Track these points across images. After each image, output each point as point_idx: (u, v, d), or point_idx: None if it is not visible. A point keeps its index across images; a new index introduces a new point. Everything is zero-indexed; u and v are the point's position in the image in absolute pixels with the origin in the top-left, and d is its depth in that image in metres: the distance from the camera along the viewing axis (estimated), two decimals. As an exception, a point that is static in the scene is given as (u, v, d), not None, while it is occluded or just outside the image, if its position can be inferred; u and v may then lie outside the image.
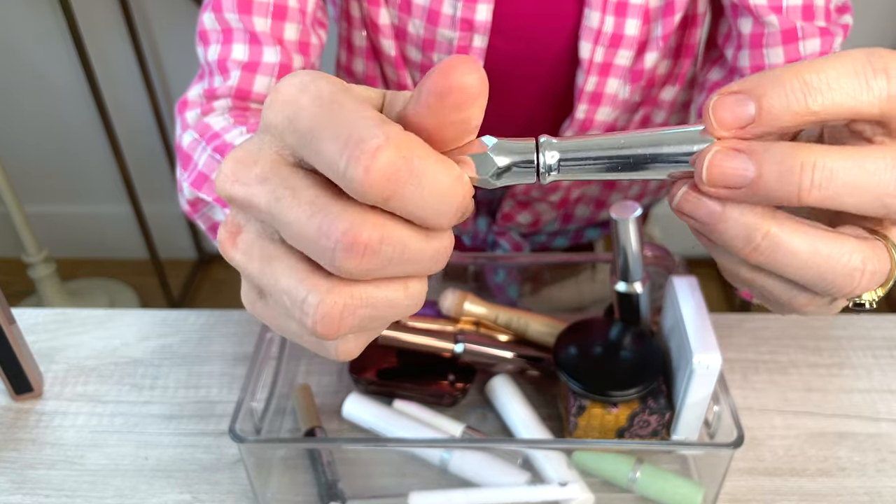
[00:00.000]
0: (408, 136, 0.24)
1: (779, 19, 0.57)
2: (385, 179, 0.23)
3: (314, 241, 0.25)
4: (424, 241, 0.26)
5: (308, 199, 0.25)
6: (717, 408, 0.51)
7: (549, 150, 0.28)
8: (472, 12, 0.61)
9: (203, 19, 0.59)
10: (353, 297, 0.26)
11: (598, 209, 0.80)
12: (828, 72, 0.26)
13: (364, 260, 0.24)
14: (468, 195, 0.26)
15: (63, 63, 1.64)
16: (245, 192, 0.26)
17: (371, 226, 0.24)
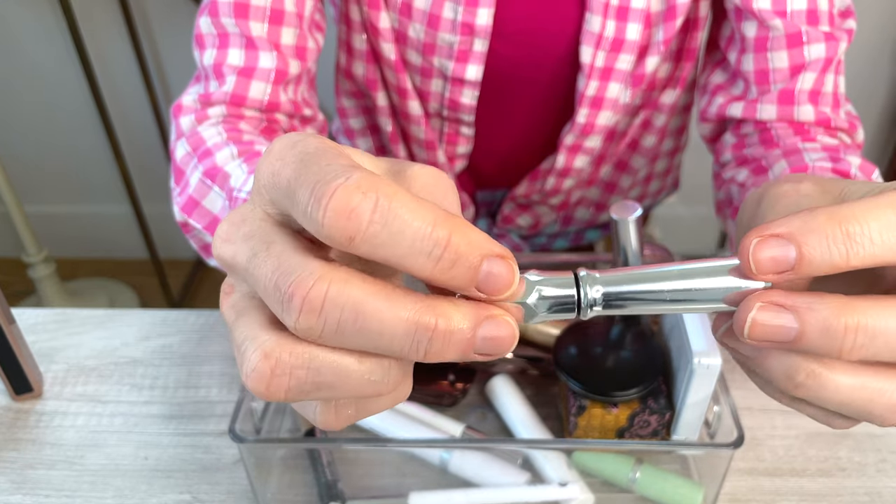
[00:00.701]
0: (374, 177, 0.23)
1: (783, 23, 0.57)
2: (344, 217, 0.22)
3: (272, 294, 0.24)
4: (391, 307, 0.23)
5: (276, 253, 0.24)
6: (717, 408, 0.51)
7: (592, 285, 0.26)
8: (472, 16, 0.61)
9: (199, 23, 0.59)
10: (293, 354, 0.24)
11: (598, 211, 0.80)
12: (871, 224, 0.24)
13: (305, 316, 0.23)
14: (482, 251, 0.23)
15: (63, 63, 1.64)
16: (232, 250, 0.26)
17: (321, 280, 0.23)
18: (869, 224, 0.25)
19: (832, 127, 0.59)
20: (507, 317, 0.24)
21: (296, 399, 0.25)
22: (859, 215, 0.25)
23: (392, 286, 0.24)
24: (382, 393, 0.26)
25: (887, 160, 1.73)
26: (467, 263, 0.23)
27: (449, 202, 0.27)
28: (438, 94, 0.67)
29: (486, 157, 0.74)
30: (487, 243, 0.24)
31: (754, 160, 0.60)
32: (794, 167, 0.54)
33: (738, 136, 0.63)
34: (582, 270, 0.26)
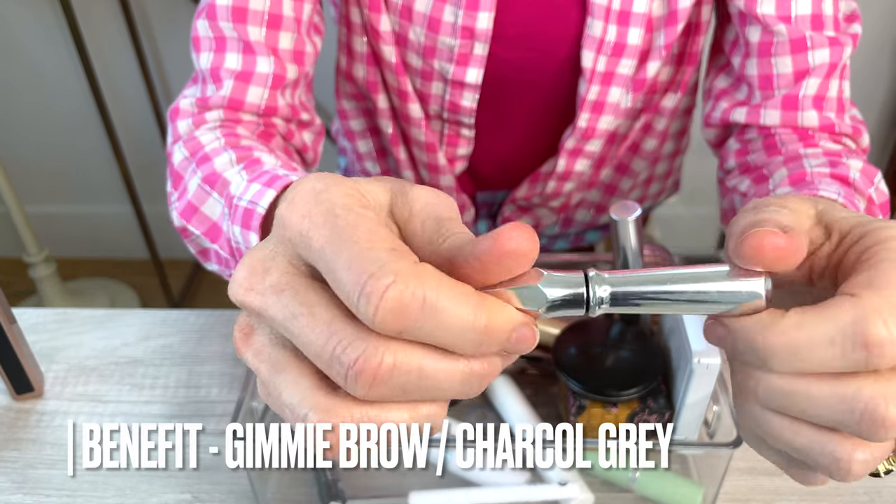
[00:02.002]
0: (419, 271, 0.24)
1: (787, 28, 0.57)
2: (395, 317, 0.23)
3: (328, 364, 0.25)
4: (447, 365, 0.25)
5: (325, 321, 0.25)
6: (717, 408, 0.51)
7: (601, 285, 0.28)
8: (473, 20, 0.61)
9: (196, 25, 0.59)
10: (353, 417, 0.26)
11: (598, 213, 0.80)
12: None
13: (375, 387, 0.24)
14: (513, 324, 0.26)
15: (63, 63, 1.64)
16: (260, 302, 0.26)
17: (388, 353, 0.24)
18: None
19: (836, 132, 0.59)
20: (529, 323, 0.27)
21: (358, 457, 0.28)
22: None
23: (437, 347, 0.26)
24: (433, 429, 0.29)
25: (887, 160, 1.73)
26: (502, 337, 0.25)
27: (450, 214, 0.29)
28: (439, 97, 0.67)
29: (487, 160, 0.74)
30: (516, 315, 0.26)
31: (756, 168, 0.60)
32: (793, 174, 0.54)
33: (742, 143, 0.63)
34: (591, 270, 0.28)
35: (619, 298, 0.28)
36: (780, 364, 0.28)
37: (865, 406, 0.26)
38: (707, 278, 0.28)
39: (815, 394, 0.28)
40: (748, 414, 0.31)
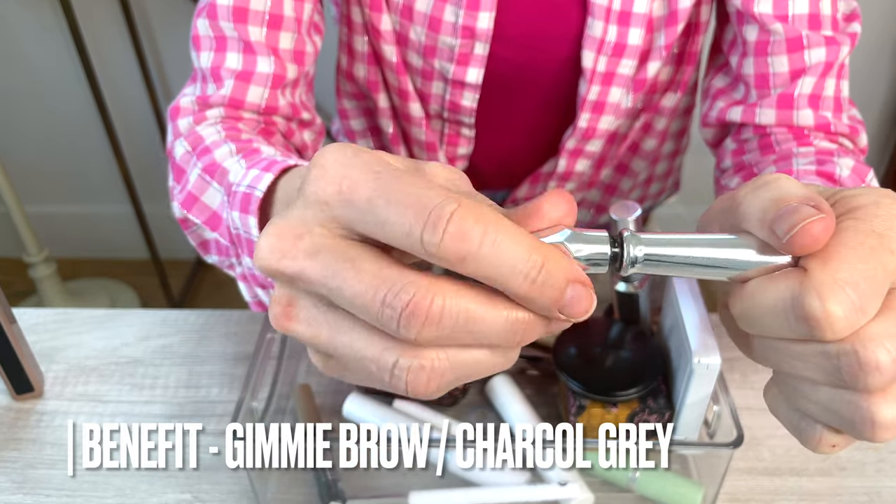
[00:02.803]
0: (478, 205, 0.25)
1: (784, 27, 0.57)
2: (460, 242, 0.24)
3: (379, 311, 0.25)
4: (493, 310, 0.26)
5: (371, 271, 0.26)
6: (717, 408, 0.51)
7: (635, 245, 0.29)
8: (473, 20, 0.61)
9: (197, 24, 0.59)
10: (438, 359, 0.27)
11: (598, 213, 0.80)
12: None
13: (427, 328, 0.25)
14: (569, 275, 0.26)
15: (63, 63, 1.64)
16: (296, 266, 0.26)
17: (437, 294, 0.25)
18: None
19: (833, 132, 0.59)
20: (588, 288, 0.27)
21: (447, 388, 0.28)
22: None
23: (485, 288, 0.26)
24: (509, 366, 0.29)
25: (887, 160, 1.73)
26: (556, 286, 0.26)
27: (467, 188, 0.30)
28: (439, 97, 0.67)
29: (487, 160, 0.74)
30: (574, 269, 0.27)
31: (749, 167, 0.60)
32: (780, 171, 0.54)
33: (738, 142, 0.63)
34: (626, 230, 0.29)
35: (653, 259, 0.29)
36: (744, 327, 0.30)
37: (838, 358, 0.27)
38: (738, 245, 0.29)
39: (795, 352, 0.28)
40: (773, 383, 0.32)
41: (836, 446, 0.31)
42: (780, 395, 0.32)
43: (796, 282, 0.27)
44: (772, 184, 0.29)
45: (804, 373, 0.29)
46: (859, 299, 0.26)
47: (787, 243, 0.27)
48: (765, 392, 0.33)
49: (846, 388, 0.28)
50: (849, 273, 0.26)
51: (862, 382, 0.27)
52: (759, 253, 0.29)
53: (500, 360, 0.28)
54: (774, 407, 0.33)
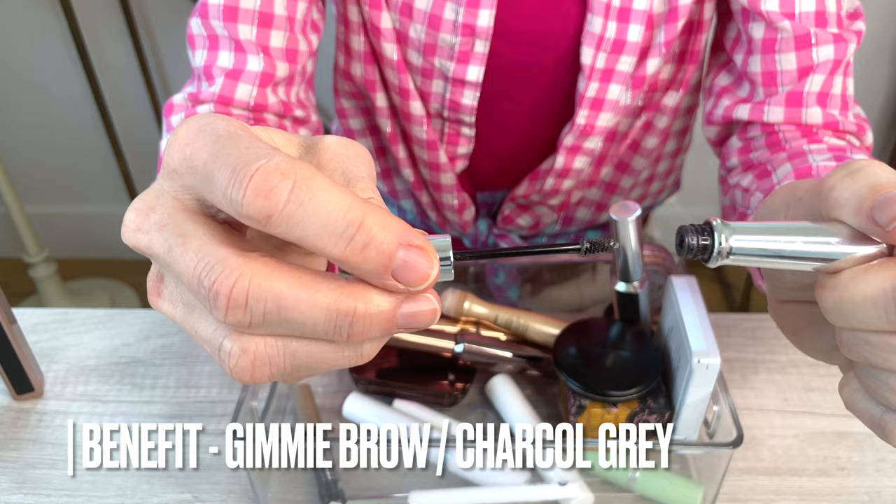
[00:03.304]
0: (293, 160, 0.23)
1: (792, 25, 0.57)
2: (263, 196, 0.23)
3: (197, 291, 0.24)
4: (308, 296, 0.24)
5: (195, 248, 0.24)
6: (717, 408, 0.51)
7: (728, 234, 0.28)
8: (473, 17, 0.61)
9: (191, 24, 0.60)
10: (268, 345, 0.25)
11: (598, 212, 0.80)
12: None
13: (232, 312, 0.24)
14: (399, 238, 0.24)
15: (63, 63, 1.64)
16: (146, 240, 0.26)
17: (242, 276, 0.23)
18: None
19: (840, 130, 0.59)
20: (428, 293, 0.25)
21: (281, 379, 0.26)
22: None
23: (312, 273, 0.24)
24: (360, 363, 0.27)
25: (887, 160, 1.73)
26: (381, 247, 0.24)
27: (360, 171, 0.28)
28: (439, 95, 0.67)
29: (487, 158, 0.74)
30: (406, 232, 0.24)
31: (760, 165, 0.60)
32: (798, 169, 0.54)
33: (744, 140, 0.63)
34: (715, 219, 0.28)
35: (743, 251, 0.28)
36: (835, 320, 0.29)
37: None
38: (830, 234, 0.28)
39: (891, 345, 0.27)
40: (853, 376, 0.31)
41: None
42: (861, 389, 0.30)
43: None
44: (865, 169, 0.28)
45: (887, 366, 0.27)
46: None
47: (893, 232, 0.26)
48: (841, 387, 0.32)
49: None
50: None
51: None
52: (852, 242, 0.28)
53: (345, 353, 0.26)
54: (853, 401, 0.31)
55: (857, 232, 0.28)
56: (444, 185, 0.73)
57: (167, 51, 1.65)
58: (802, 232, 0.28)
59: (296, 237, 0.23)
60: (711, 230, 0.28)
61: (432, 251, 0.25)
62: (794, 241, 0.28)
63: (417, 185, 0.76)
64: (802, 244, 0.28)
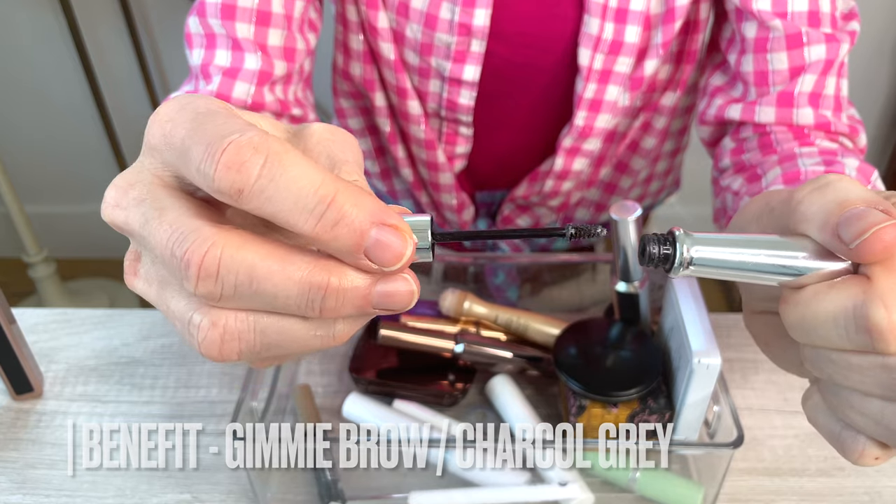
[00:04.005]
0: (267, 136, 0.23)
1: (783, 24, 0.57)
2: (234, 170, 0.23)
3: (170, 263, 0.24)
4: (281, 268, 0.24)
5: (170, 220, 0.24)
6: (717, 408, 0.51)
7: (690, 245, 0.27)
8: (470, 17, 0.61)
9: (189, 23, 0.60)
10: (238, 319, 0.25)
11: (598, 212, 0.80)
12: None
13: (203, 282, 0.23)
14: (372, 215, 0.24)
15: (63, 63, 1.64)
16: (124, 216, 0.26)
17: (214, 246, 0.23)
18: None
19: (832, 131, 0.59)
20: (405, 273, 0.25)
21: (250, 359, 0.26)
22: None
23: (287, 247, 0.24)
24: (332, 346, 0.26)
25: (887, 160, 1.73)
26: (352, 225, 0.23)
27: (346, 155, 0.28)
28: (436, 95, 0.67)
29: (485, 158, 0.74)
30: (379, 210, 0.24)
31: (751, 167, 0.60)
32: (787, 173, 0.54)
33: (737, 141, 0.62)
34: (678, 229, 0.28)
35: (705, 262, 0.28)
36: (797, 336, 0.28)
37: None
38: (795, 249, 0.28)
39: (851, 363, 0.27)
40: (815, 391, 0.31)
41: (878, 459, 0.29)
42: (821, 403, 0.30)
43: (859, 290, 0.26)
44: (834, 184, 0.27)
45: (859, 385, 0.27)
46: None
47: (856, 250, 0.25)
48: (804, 400, 0.32)
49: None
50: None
51: None
52: (817, 258, 0.27)
53: (319, 332, 0.25)
54: (814, 415, 0.31)
55: (824, 248, 0.27)
56: (442, 184, 0.73)
57: (167, 51, 1.65)
58: (767, 245, 0.28)
59: (267, 212, 0.23)
60: (674, 240, 0.27)
61: (408, 231, 0.24)
62: (758, 255, 0.28)
63: (416, 184, 0.75)
64: (766, 258, 0.28)
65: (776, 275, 0.28)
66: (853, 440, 0.29)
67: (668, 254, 0.27)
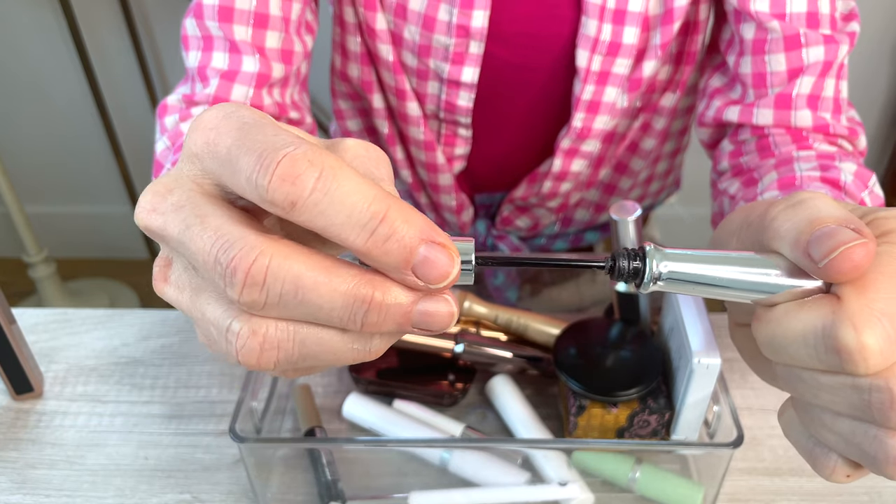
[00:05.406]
0: (320, 150, 0.23)
1: (781, 25, 0.57)
2: (289, 183, 0.23)
3: (213, 269, 0.24)
4: (328, 280, 0.24)
5: (214, 227, 0.24)
6: (717, 408, 0.51)
7: (660, 260, 0.27)
8: (468, 18, 0.61)
9: (186, 24, 0.59)
10: (278, 329, 0.25)
11: (597, 213, 0.80)
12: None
13: (250, 290, 0.23)
14: (422, 233, 0.24)
15: (63, 63, 1.64)
16: (161, 221, 0.26)
17: (262, 254, 0.23)
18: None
19: (831, 133, 0.59)
20: (446, 294, 0.25)
21: (284, 368, 0.26)
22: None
23: (332, 259, 0.24)
24: (367, 359, 0.26)
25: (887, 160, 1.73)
26: (403, 241, 0.24)
27: (380, 172, 0.28)
28: (435, 96, 0.67)
29: (484, 160, 0.74)
30: (429, 228, 0.24)
31: (748, 171, 0.59)
32: (783, 178, 0.54)
33: (735, 144, 0.62)
34: (650, 244, 0.27)
35: (677, 278, 0.27)
36: (769, 354, 0.28)
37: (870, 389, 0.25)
38: (767, 266, 0.27)
39: (821, 383, 0.27)
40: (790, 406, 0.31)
41: (850, 476, 0.29)
42: (795, 419, 0.30)
43: (829, 310, 0.25)
44: (807, 202, 0.27)
45: (829, 404, 0.27)
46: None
47: (825, 269, 0.25)
48: (779, 414, 0.32)
49: (872, 423, 0.26)
50: (886, 303, 0.25)
51: (893, 420, 0.25)
52: (790, 276, 0.27)
53: (356, 346, 0.26)
54: (788, 430, 0.31)
55: (796, 266, 0.27)
56: (441, 186, 0.73)
57: (167, 51, 1.65)
58: (740, 262, 0.28)
59: (319, 226, 0.23)
60: (644, 255, 0.27)
61: (454, 250, 0.25)
62: (730, 272, 0.27)
63: (416, 185, 0.76)
64: (738, 275, 0.27)
65: (748, 292, 0.28)
66: (825, 457, 0.29)
67: (637, 268, 0.27)
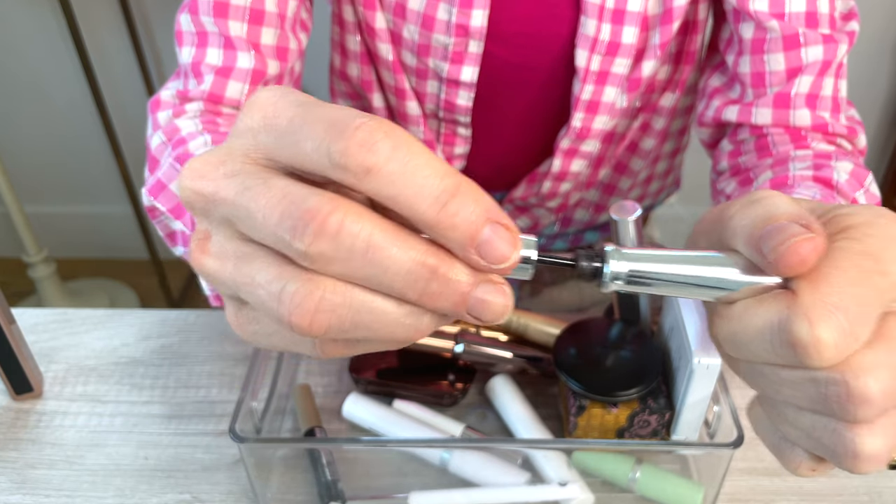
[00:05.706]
0: (395, 124, 0.24)
1: (780, 25, 0.57)
2: (366, 150, 0.23)
3: (275, 222, 0.24)
4: (398, 244, 0.24)
5: (279, 186, 0.24)
6: (717, 408, 0.51)
7: (618, 260, 0.28)
8: (467, 18, 0.61)
9: (180, 20, 0.59)
10: (336, 292, 0.24)
11: (597, 213, 0.80)
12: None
13: (320, 240, 0.23)
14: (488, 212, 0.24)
15: (63, 63, 1.64)
16: (212, 186, 0.25)
17: (338, 208, 0.23)
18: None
19: (830, 133, 0.59)
20: (506, 286, 0.25)
21: (332, 337, 0.26)
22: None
23: (402, 227, 0.24)
24: (412, 339, 0.26)
25: (887, 160, 1.73)
26: (471, 218, 0.24)
27: None
28: (434, 96, 0.67)
29: (483, 160, 0.74)
30: (496, 209, 0.25)
31: (745, 170, 0.59)
32: (776, 178, 0.54)
33: (734, 143, 0.62)
34: (609, 245, 0.28)
35: (637, 277, 0.28)
36: (729, 351, 0.29)
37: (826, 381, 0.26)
38: (725, 264, 0.28)
39: (781, 378, 0.27)
40: (757, 402, 0.31)
41: (815, 471, 0.30)
42: (763, 415, 0.31)
43: (784, 305, 0.26)
44: (763, 200, 0.28)
45: (791, 399, 0.28)
46: (850, 325, 0.25)
47: (773, 263, 0.26)
48: (748, 410, 0.32)
49: (831, 417, 0.27)
50: (839, 297, 0.25)
51: (850, 413, 0.26)
52: (747, 273, 0.27)
53: (408, 321, 0.25)
54: (756, 426, 0.32)
55: (754, 263, 0.27)
56: None
57: (167, 50, 1.65)
58: (699, 261, 0.28)
59: (388, 194, 0.23)
60: (603, 255, 0.28)
61: (517, 234, 0.25)
62: (689, 270, 0.28)
63: None
64: (697, 272, 0.28)
65: (708, 289, 0.28)
66: (791, 452, 0.30)
67: (597, 268, 0.28)
